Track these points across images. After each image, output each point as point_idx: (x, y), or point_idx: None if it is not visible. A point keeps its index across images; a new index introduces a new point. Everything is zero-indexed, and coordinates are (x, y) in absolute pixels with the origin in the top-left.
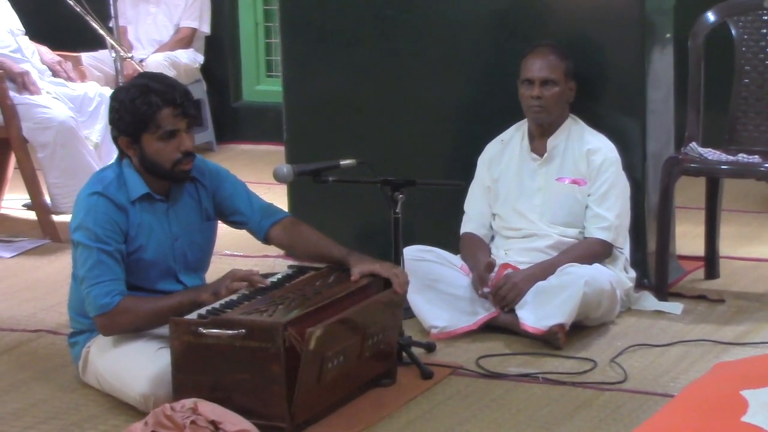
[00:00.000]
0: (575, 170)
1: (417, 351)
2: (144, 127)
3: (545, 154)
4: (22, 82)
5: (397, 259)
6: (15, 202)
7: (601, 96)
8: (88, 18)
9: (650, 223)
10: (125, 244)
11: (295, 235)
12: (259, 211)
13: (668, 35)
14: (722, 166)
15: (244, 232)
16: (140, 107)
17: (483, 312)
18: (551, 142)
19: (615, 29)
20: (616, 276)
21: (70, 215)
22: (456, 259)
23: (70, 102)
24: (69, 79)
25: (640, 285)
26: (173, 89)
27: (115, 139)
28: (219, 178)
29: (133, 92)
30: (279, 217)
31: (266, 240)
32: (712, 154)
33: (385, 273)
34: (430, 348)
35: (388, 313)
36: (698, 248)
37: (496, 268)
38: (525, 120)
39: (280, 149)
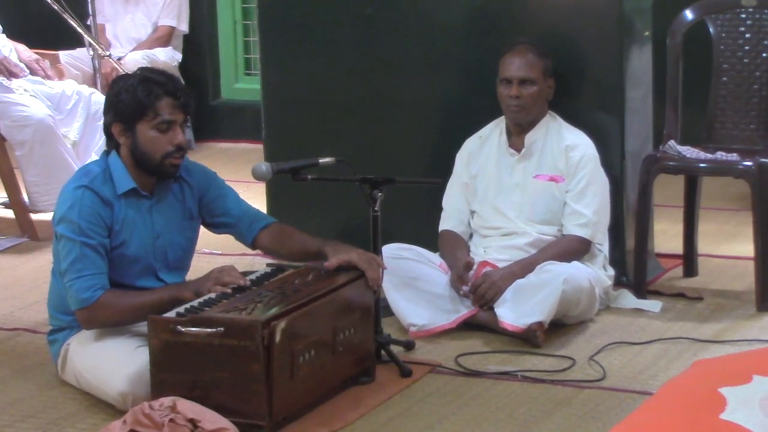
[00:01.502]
0: (553, 167)
1: (396, 349)
2: (142, 113)
3: (523, 150)
4: (6, 69)
5: None
6: None
7: (580, 94)
8: (66, 16)
9: (629, 221)
10: (109, 238)
11: (282, 238)
12: (249, 215)
13: (646, 33)
14: (700, 164)
15: None
16: (140, 94)
17: (462, 310)
18: (529, 137)
19: (594, 27)
20: (595, 274)
21: (49, 213)
22: (435, 257)
23: (48, 100)
24: (47, 77)
25: (618, 283)
26: (174, 82)
27: (107, 127)
28: (207, 179)
29: (134, 80)
30: (268, 222)
31: (254, 244)
32: (690, 152)
33: (361, 265)
34: (409, 346)
35: (360, 306)
36: (677, 246)
37: (474, 266)
38: (504, 116)
39: (259, 147)
